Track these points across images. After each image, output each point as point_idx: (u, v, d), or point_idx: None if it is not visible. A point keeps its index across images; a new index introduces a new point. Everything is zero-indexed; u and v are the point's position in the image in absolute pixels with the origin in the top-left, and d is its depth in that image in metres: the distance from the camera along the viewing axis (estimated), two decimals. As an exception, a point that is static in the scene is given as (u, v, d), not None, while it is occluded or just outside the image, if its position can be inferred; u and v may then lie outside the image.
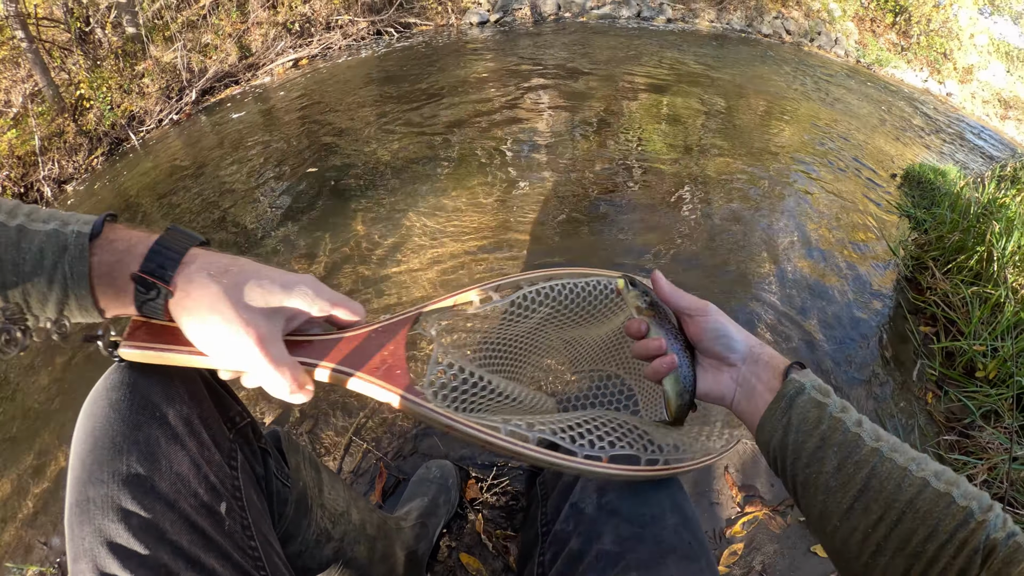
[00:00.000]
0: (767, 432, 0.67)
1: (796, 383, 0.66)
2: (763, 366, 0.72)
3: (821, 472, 0.60)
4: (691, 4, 9.79)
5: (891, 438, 0.60)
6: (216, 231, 3.30)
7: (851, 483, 0.57)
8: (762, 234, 3.10)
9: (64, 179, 4.84)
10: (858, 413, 0.64)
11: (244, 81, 6.38)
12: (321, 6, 7.44)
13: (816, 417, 0.62)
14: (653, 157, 3.94)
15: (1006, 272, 2.54)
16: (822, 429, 0.61)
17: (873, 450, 0.58)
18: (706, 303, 0.77)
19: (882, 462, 0.57)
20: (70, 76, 5.71)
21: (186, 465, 0.69)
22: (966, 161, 6.04)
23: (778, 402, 0.66)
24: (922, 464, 0.57)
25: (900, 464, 0.56)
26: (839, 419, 0.62)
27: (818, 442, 0.61)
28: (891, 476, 0.56)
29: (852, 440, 0.59)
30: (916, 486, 0.54)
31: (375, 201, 3.29)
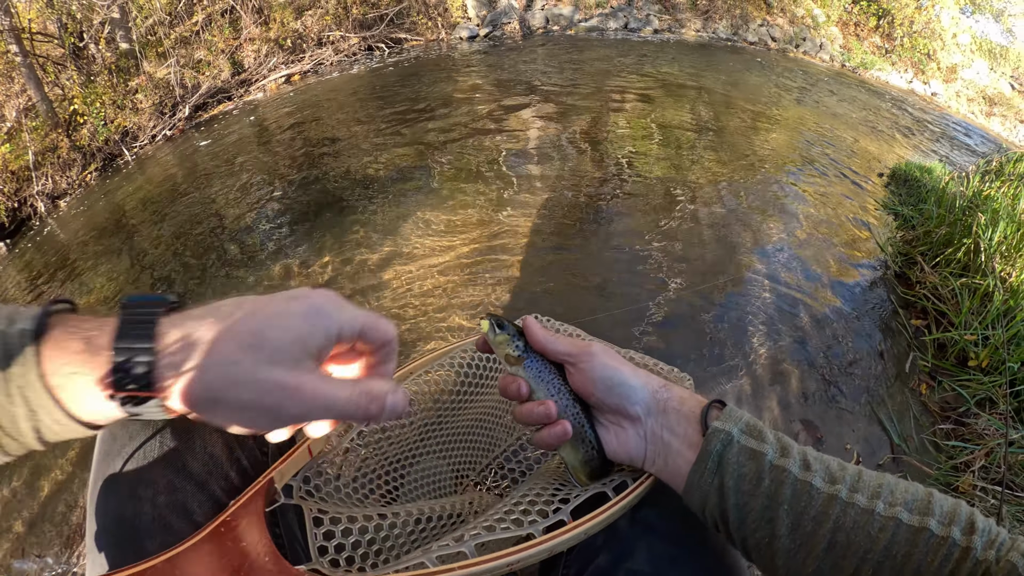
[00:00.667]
0: (698, 498, 0.55)
1: (721, 434, 0.54)
2: (674, 415, 0.59)
3: (775, 536, 0.51)
4: (677, 15, 9.95)
5: (846, 470, 0.52)
6: (208, 247, 3.31)
7: (813, 542, 0.49)
8: (752, 237, 3.13)
9: (58, 194, 4.85)
10: (799, 446, 0.55)
11: (237, 97, 6.44)
12: (313, 22, 7.53)
13: (755, 472, 0.52)
14: (643, 166, 3.97)
15: (993, 262, 2.58)
16: (765, 486, 0.51)
17: (831, 498, 0.50)
18: (588, 344, 0.62)
19: (844, 511, 0.49)
20: (64, 91, 5.75)
21: (220, 447, 0.68)
22: (952, 158, 6.13)
23: (703, 462, 0.54)
24: (888, 496, 0.50)
25: (865, 507, 0.49)
26: (782, 468, 0.52)
27: (764, 502, 0.51)
28: (858, 525, 0.48)
29: (803, 491, 0.50)
30: (889, 529, 0.47)
31: (367, 216, 3.30)
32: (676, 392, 0.61)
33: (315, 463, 0.69)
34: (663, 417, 0.59)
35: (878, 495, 0.49)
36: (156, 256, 3.42)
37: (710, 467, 0.54)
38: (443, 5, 8.66)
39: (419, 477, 0.87)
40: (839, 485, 0.51)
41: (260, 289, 2.77)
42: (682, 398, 0.60)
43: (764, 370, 2.22)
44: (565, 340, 0.63)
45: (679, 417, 0.59)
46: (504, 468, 1.01)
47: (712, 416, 0.57)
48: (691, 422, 0.58)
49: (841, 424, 2.04)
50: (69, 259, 3.78)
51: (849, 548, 0.48)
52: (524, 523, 0.57)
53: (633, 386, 0.60)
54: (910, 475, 1.84)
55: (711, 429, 0.55)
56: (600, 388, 0.60)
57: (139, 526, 0.61)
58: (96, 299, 3.16)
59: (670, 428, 0.59)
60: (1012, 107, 11.34)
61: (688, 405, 0.59)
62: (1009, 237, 2.73)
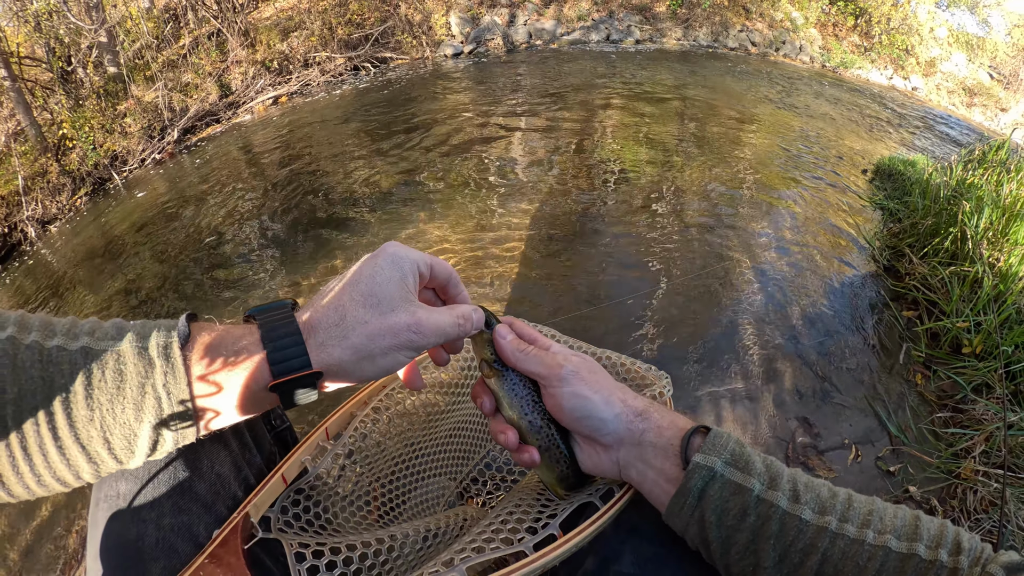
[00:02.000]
0: (678, 525, 0.54)
1: (703, 470, 0.51)
2: (650, 449, 0.56)
3: (759, 567, 0.50)
4: (658, 24, 10.09)
5: (836, 497, 0.51)
6: (198, 271, 3.32)
7: (799, 574, 0.48)
8: (741, 237, 3.15)
9: (48, 219, 4.85)
10: (789, 472, 0.53)
11: (225, 119, 6.47)
12: (298, 44, 7.59)
13: (739, 507, 0.50)
14: (630, 175, 4.01)
15: (980, 248, 2.58)
16: (751, 521, 0.50)
17: (820, 530, 0.48)
18: (561, 366, 0.59)
19: (833, 543, 0.48)
20: (52, 116, 5.78)
21: (227, 466, 0.68)
22: (936, 150, 6.20)
23: (683, 498, 0.52)
24: (878, 524, 0.49)
25: (855, 537, 0.48)
26: (769, 503, 0.50)
27: (749, 536, 0.50)
28: (847, 555, 0.47)
29: (792, 525, 0.49)
30: (878, 559, 0.46)
31: (357, 233, 3.32)
32: (654, 421, 0.57)
33: (290, 491, 0.68)
34: (638, 450, 0.57)
35: (868, 523, 0.49)
36: (147, 280, 3.42)
37: (690, 502, 0.52)
38: (427, 23, 8.77)
39: (401, 493, 0.85)
40: (829, 516, 0.49)
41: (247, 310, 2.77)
42: (659, 428, 0.57)
43: (757, 369, 2.23)
44: (536, 358, 0.60)
45: (655, 451, 0.56)
46: (486, 474, 0.99)
47: (694, 446, 0.54)
48: (669, 456, 0.55)
49: (838, 419, 2.03)
50: (60, 284, 3.77)
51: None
52: (514, 541, 0.56)
53: (604, 419, 0.57)
54: (910, 465, 1.84)
55: (692, 464, 0.52)
56: (569, 417, 0.58)
57: (143, 549, 0.59)
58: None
59: (645, 461, 0.56)
60: (992, 96, 11.53)
61: (666, 436, 0.56)
62: (995, 223, 2.74)
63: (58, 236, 4.70)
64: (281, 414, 0.86)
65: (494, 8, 9.43)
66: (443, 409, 0.90)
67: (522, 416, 0.60)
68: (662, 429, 0.56)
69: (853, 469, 1.85)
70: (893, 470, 1.84)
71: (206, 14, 7.46)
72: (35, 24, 5.86)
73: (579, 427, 0.59)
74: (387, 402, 0.83)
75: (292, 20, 7.99)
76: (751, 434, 1.92)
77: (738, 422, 1.96)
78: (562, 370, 0.58)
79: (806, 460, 1.86)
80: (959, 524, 1.60)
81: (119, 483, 0.62)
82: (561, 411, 0.59)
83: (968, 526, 1.59)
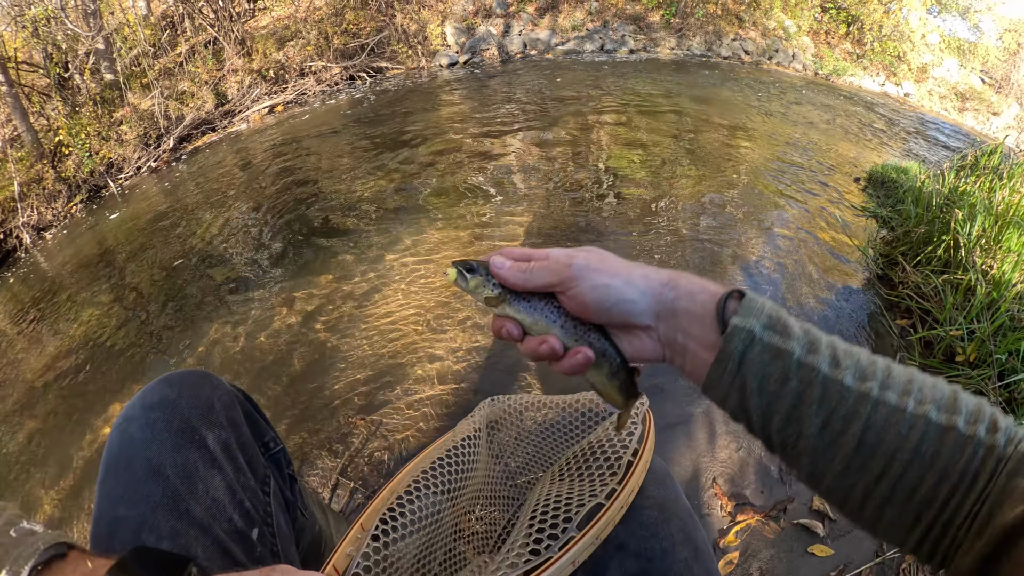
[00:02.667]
0: (718, 395, 0.52)
1: (742, 333, 0.49)
2: (685, 317, 0.53)
3: (802, 435, 0.48)
4: (652, 34, 10.18)
5: (876, 364, 0.49)
6: (192, 281, 3.31)
7: (842, 441, 0.47)
8: (734, 249, 3.17)
9: (43, 226, 4.83)
10: (827, 337, 0.50)
11: (221, 128, 6.48)
12: (295, 53, 7.62)
13: (780, 372, 0.48)
14: (624, 185, 4.02)
15: (973, 256, 2.60)
16: (792, 387, 0.48)
17: (862, 396, 0.46)
18: (568, 265, 0.55)
19: (876, 409, 0.46)
20: (49, 122, 5.77)
21: (222, 490, 0.69)
22: (928, 156, 6.24)
23: (723, 364, 0.50)
24: (918, 394, 0.46)
25: (895, 405, 0.46)
26: (810, 366, 0.48)
27: (791, 402, 0.48)
28: (889, 424, 0.45)
29: (834, 390, 0.47)
30: (919, 429, 0.45)
31: (352, 243, 3.32)
32: (684, 287, 0.54)
33: None
34: (674, 320, 0.54)
35: (908, 392, 0.46)
36: (141, 290, 3.41)
37: (730, 368, 0.49)
38: (423, 33, 8.82)
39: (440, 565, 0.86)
40: (870, 382, 0.47)
41: (243, 323, 2.77)
42: (691, 294, 0.53)
43: None
44: (541, 270, 0.56)
45: (690, 319, 0.53)
46: None
47: (730, 310, 0.51)
48: (706, 322, 0.52)
49: None
50: (55, 291, 3.75)
51: (879, 447, 0.45)
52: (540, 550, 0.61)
53: (631, 299, 0.54)
54: None
55: (730, 328, 0.49)
56: (597, 311, 0.55)
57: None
58: (83, 331, 3.13)
59: (684, 331, 0.53)
60: (983, 100, 11.66)
61: (700, 300, 0.53)
62: (987, 230, 2.75)
63: (53, 243, 4.69)
64: (275, 436, 0.86)
65: (489, 18, 9.50)
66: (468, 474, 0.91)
67: (552, 324, 0.57)
68: (694, 294, 0.53)
69: None
70: None
71: (203, 22, 7.48)
72: (33, 29, 5.87)
73: (611, 317, 0.55)
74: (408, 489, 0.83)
75: (288, 29, 8.02)
76: (744, 446, 1.93)
77: (731, 434, 1.96)
78: (571, 269, 0.55)
79: None
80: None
81: (118, 508, 0.62)
82: (587, 308, 0.55)
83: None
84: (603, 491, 0.68)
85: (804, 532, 1.67)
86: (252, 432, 0.80)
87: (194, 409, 0.71)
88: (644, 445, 0.80)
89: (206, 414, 0.72)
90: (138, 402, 0.71)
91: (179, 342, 2.76)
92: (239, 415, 0.78)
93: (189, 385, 0.74)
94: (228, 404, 0.76)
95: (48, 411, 2.56)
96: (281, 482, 0.84)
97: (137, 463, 0.65)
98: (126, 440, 0.67)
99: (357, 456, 1.92)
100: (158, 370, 2.62)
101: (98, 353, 2.88)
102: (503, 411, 1.00)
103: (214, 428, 0.72)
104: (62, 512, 1.98)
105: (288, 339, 2.57)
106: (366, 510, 0.77)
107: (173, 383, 0.73)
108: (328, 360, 2.40)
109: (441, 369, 2.27)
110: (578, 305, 0.55)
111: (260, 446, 0.81)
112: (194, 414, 0.71)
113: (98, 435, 2.30)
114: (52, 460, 2.23)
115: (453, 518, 0.90)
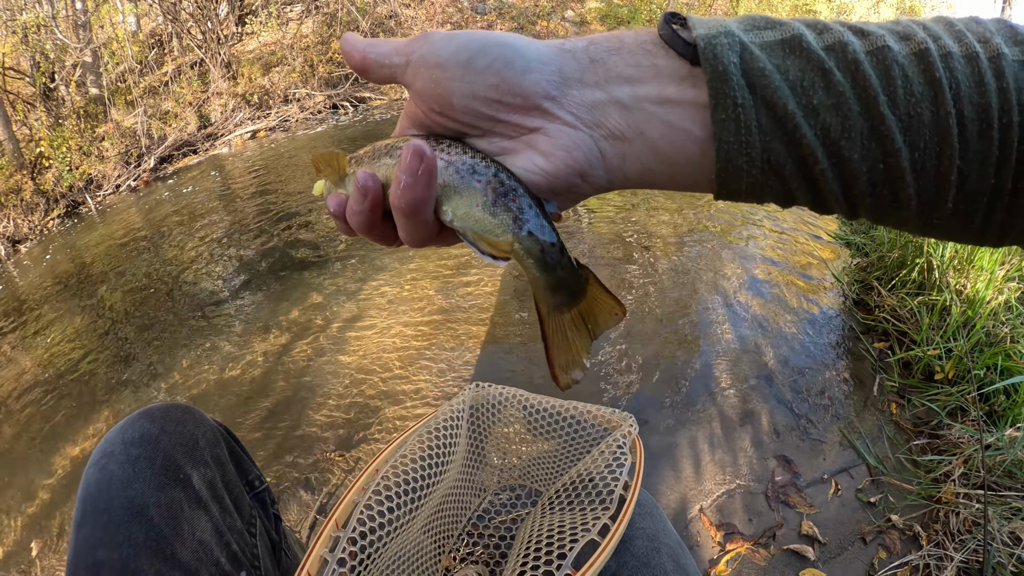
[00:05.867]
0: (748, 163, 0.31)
1: (721, 38, 0.30)
2: (616, 59, 0.33)
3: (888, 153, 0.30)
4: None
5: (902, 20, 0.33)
6: (166, 306, 3.26)
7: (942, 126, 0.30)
8: (709, 280, 3.23)
9: (19, 238, 4.67)
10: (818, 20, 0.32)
11: (203, 150, 6.42)
12: (280, 79, 7.66)
13: (812, 69, 0.30)
14: (598, 218, 4.08)
15: (947, 277, 2.70)
16: (838, 80, 0.30)
17: (920, 55, 0.30)
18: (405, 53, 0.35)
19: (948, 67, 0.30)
20: (31, 132, 5.63)
21: (208, 532, 0.66)
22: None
23: (725, 97, 0.30)
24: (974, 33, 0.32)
25: (961, 52, 0.31)
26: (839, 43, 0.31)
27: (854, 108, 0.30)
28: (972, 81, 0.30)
29: (884, 61, 0.30)
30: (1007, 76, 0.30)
31: (331, 272, 3.31)
32: (600, 37, 0.34)
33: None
34: (595, 70, 0.32)
35: (962, 34, 0.32)
36: (114, 312, 3.34)
37: (743, 102, 0.30)
38: (407, 66, 8.98)
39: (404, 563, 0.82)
40: (919, 36, 0.31)
41: (217, 352, 2.74)
42: (612, 36, 0.34)
43: (733, 411, 2.27)
44: (384, 41, 0.36)
45: (624, 57, 0.33)
46: (475, 533, 1.00)
47: (684, 32, 0.32)
48: (650, 52, 0.32)
49: (815, 455, 2.08)
50: (26, 307, 3.62)
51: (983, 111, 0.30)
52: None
53: (510, 43, 0.32)
54: (890, 495, 1.90)
55: (702, 42, 0.30)
56: (456, 76, 0.32)
57: None
58: (51, 352, 3.04)
59: (620, 77, 0.32)
60: None
61: (629, 38, 0.34)
62: (959, 251, 2.84)
63: (27, 257, 4.53)
64: (259, 474, 0.86)
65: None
66: (439, 469, 0.90)
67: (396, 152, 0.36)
68: (615, 36, 0.34)
69: (834, 503, 1.89)
70: (874, 500, 1.89)
71: (191, 43, 7.49)
72: (23, 35, 5.77)
73: (475, 80, 0.32)
74: (384, 483, 0.80)
75: (275, 55, 8.08)
76: (730, 475, 1.96)
77: (716, 464, 2.00)
78: (412, 55, 0.34)
79: (786, 499, 1.90)
80: (943, 548, 1.67)
81: (98, 552, 0.60)
82: (442, 70, 0.33)
83: (953, 548, 1.66)
84: (596, 526, 0.68)
85: (795, 557, 1.70)
86: (237, 470, 0.78)
87: (178, 446, 0.68)
88: (636, 479, 0.78)
89: (190, 451, 0.69)
90: (117, 437, 0.67)
91: (151, 369, 2.71)
92: (224, 452, 0.76)
93: (172, 420, 0.71)
94: (212, 441, 0.73)
95: (13, 434, 2.47)
96: (267, 522, 0.81)
97: (118, 502, 0.61)
98: (105, 477, 0.63)
99: (336, 493, 1.90)
100: (129, 398, 2.56)
101: (66, 375, 2.79)
102: (487, 399, 0.99)
103: (199, 466, 0.69)
104: (23, 549, 1.89)
105: (263, 370, 2.54)
106: (340, 504, 0.76)
107: (155, 418, 0.70)
108: (305, 392, 2.37)
109: (421, 403, 2.27)
110: (429, 80, 0.33)
111: (245, 484, 0.79)
112: (178, 451, 0.67)
113: (67, 460, 2.21)
114: (16, 486, 2.14)
115: (428, 512, 0.89)
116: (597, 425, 0.90)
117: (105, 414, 2.49)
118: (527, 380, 2.41)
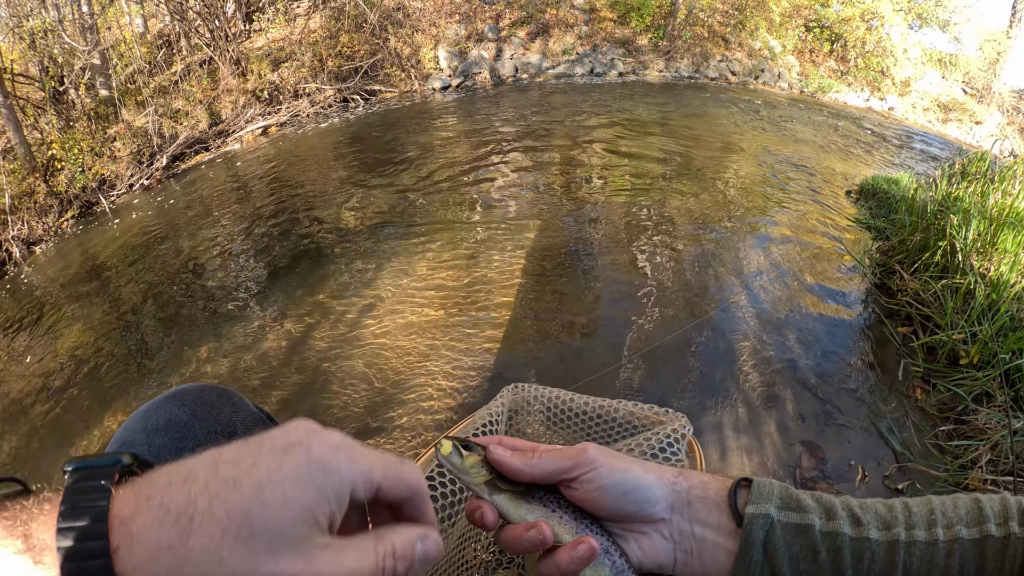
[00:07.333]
0: None
1: (760, 519, 0.48)
2: (700, 505, 0.51)
3: None
4: (640, 57, 10.36)
5: (894, 509, 0.49)
6: (183, 301, 3.27)
7: None
8: (732, 266, 3.18)
9: (34, 240, 4.77)
10: (840, 499, 0.51)
11: (214, 147, 6.48)
12: (289, 74, 7.67)
13: (808, 548, 0.48)
14: (618, 205, 4.04)
15: (971, 259, 2.62)
16: (823, 559, 0.47)
17: (891, 544, 0.47)
18: (584, 450, 0.50)
19: (909, 552, 0.46)
20: (43, 135, 5.73)
21: None
22: (916, 166, 6.34)
23: (747, 556, 0.48)
24: (942, 519, 0.48)
25: (926, 540, 0.46)
26: (834, 532, 0.48)
27: (828, 574, 0.47)
28: (925, 560, 0.46)
29: (864, 549, 0.47)
30: (956, 553, 0.46)
31: (344, 265, 3.30)
32: (695, 478, 0.52)
33: None
34: (689, 510, 0.51)
35: (934, 523, 0.47)
36: (131, 309, 3.37)
37: (756, 559, 0.48)
38: (416, 57, 8.92)
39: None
40: (896, 528, 0.47)
41: (234, 344, 2.72)
42: (704, 483, 0.52)
43: (758, 396, 2.22)
44: (550, 457, 0.49)
45: (706, 506, 0.51)
46: None
47: (742, 500, 0.50)
48: (721, 509, 0.50)
49: (841, 441, 2.03)
50: (44, 307, 3.69)
51: None
52: None
53: (649, 485, 0.50)
54: (918, 481, 1.84)
55: (747, 517, 0.48)
56: (613, 496, 0.49)
57: None
58: (71, 346, 3.08)
59: (700, 520, 0.51)
60: (966, 111, 11.86)
61: (712, 489, 0.51)
62: (983, 233, 2.77)
63: (43, 257, 4.63)
64: None
65: (481, 42, 9.65)
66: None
67: (550, 514, 0.49)
68: (706, 484, 0.52)
69: (861, 490, 1.84)
70: (901, 487, 1.83)
71: (199, 41, 7.54)
72: (30, 41, 5.87)
73: (624, 504, 0.49)
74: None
75: (283, 51, 8.09)
76: (757, 461, 1.92)
77: (743, 450, 1.96)
78: (588, 452, 0.49)
79: (814, 486, 1.84)
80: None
81: None
82: (603, 493, 0.49)
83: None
84: None
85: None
86: None
87: (211, 435, 0.60)
88: None
89: (226, 441, 0.59)
90: (139, 424, 0.59)
91: (168, 362, 2.72)
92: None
93: (205, 404, 0.62)
94: (252, 429, 0.61)
95: (32, 428, 2.50)
96: None
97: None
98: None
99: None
100: (146, 389, 2.56)
101: (85, 370, 2.83)
102: (525, 400, 0.94)
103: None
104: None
105: (279, 360, 2.54)
106: None
107: (184, 401, 0.61)
108: (321, 382, 2.36)
109: (438, 392, 2.24)
110: (593, 491, 0.49)
111: None
112: (211, 442, 0.56)
113: (86, 453, 2.24)
114: (35, 480, 2.15)
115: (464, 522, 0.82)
116: (648, 425, 0.84)
117: (122, 404, 2.51)
118: (555, 377, 2.34)
